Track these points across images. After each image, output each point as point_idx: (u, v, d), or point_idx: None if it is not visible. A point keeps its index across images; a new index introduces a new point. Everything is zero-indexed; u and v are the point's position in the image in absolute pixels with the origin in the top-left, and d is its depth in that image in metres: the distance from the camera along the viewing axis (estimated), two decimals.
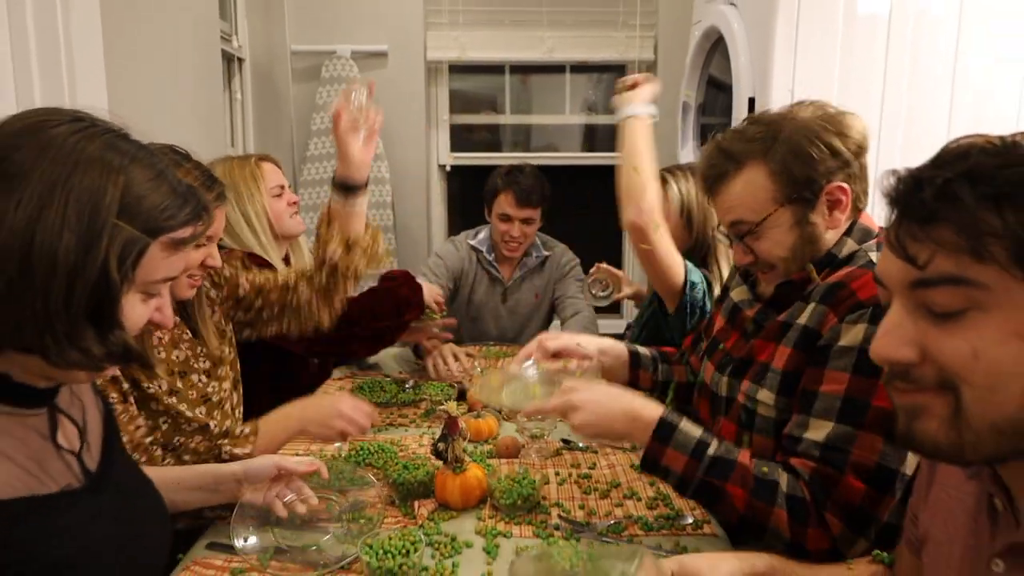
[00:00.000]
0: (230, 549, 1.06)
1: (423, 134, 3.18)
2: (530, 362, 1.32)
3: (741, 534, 1.12)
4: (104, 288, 0.67)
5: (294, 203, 1.89)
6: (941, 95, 1.84)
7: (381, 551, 0.98)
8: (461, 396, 1.72)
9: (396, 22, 3.06)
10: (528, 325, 2.49)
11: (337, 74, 2.96)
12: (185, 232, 0.73)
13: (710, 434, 1.09)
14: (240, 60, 2.82)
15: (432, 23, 3.12)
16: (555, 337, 1.38)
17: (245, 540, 1.06)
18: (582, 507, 1.23)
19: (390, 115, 3.03)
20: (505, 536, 1.13)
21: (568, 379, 1.20)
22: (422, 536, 1.03)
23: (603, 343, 1.49)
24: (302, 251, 1.98)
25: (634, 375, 1.49)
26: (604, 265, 2.07)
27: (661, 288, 1.62)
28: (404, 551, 0.99)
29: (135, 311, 0.72)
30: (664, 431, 1.07)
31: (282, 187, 1.85)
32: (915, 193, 0.60)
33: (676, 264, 1.56)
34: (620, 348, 1.51)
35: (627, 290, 2.10)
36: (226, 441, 1.25)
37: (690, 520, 1.18)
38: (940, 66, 1.84)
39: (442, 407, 1.52)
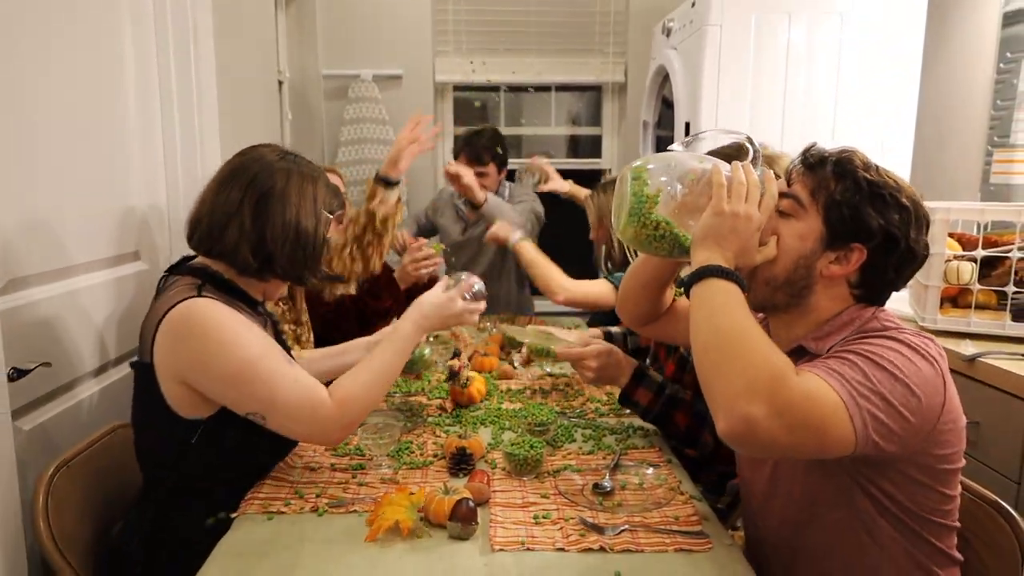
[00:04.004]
0: None
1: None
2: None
3: (681, 444, 1.58)
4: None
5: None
6: (826, 111, 2.47)
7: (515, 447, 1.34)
8: (452, 377, 1.92)
9: (410, 50, 3.58)
10: (483, 252, 2.90)
11: (361, 94, 3.50)
12: (340, 211, 1.36)
13: (668, 380, 1.57)
14: (281, 82, 3.39)
15: (440, 51, 3.65)
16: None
17: None
18: (557, 403, 1.82)
19: (404, 127, 3.60)
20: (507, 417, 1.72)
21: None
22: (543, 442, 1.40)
23: (582, 335, 2.04)
24: None
25: (632, 390, 2.01)
26: (537, 159, 2.57)
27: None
28: (531, 446, 1.35)
29: (323, 256, 1.35)
30: (638, 376, 1.56)
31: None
32: (813, 155, 1.11)
33: (603, 296, 2.08)
34: (596, 332, 2.08)
35: (559, 186, 2.62)
36: None
37: (630, 411, 1.77)
38: (825, 90, 2.47)
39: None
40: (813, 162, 1.10)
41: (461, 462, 1.38)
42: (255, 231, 1.24)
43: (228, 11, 2.31)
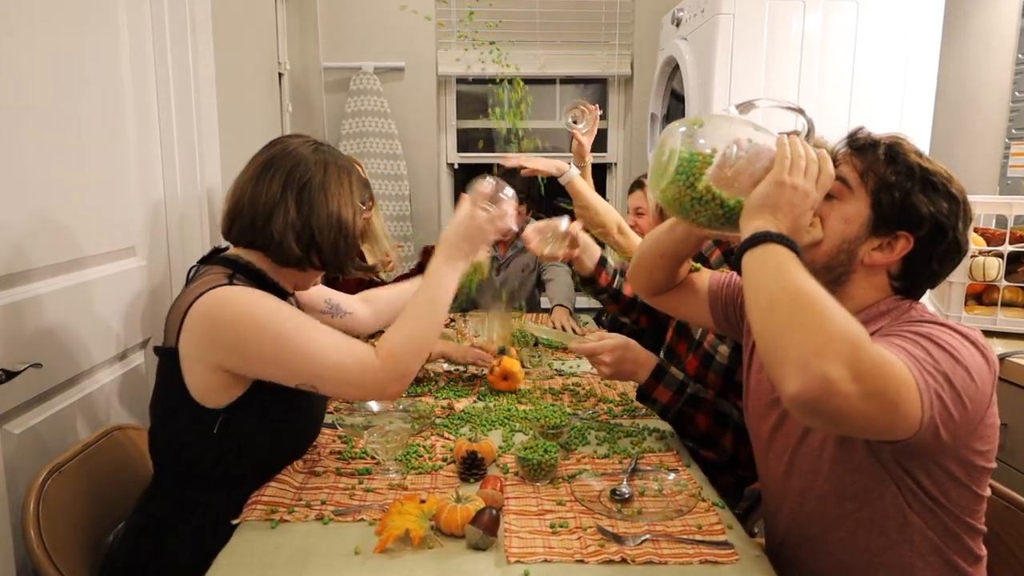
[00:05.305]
0: (334, 426, 1.59)
1: (434, 137, 3.68)
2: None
3: (698, 446, 1.53)
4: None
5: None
6: (841, 101, 2.40)
7: (526, 450, 1.31)
8: (501, 351, 2.07)
9: (412, 42, 3.52)
10: (518, 293, 2.96)
11: (363, 87, 3.43)
12: (369, 202, 1.37)
13: (689, 378, 1.51)
14: (281, 75, 3.32)
15: (442, 43, 3.59)
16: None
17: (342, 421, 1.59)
18: (569, 404, 1.77)
19: (406, 121, 3.57)
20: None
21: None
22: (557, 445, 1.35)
23: (587, 242, 1.81)
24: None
25: (597, 271, 1.80)
26: (583, 105, 2.34)
27: None
28: (545, 450, 1.30)
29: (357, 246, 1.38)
30: (658, 373, 1.49)
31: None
32: (863, 138, 1.08)
33: None
34: (596, 249, 1.82)
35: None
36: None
37: (644, 411, 1.71)
38: (840, 80, 2.41)
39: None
40: (863, 144, 1.07)
41: (472, 467, 1.32)
42: (300, 220, 1.25)
43: (227, 2, 2.25)
